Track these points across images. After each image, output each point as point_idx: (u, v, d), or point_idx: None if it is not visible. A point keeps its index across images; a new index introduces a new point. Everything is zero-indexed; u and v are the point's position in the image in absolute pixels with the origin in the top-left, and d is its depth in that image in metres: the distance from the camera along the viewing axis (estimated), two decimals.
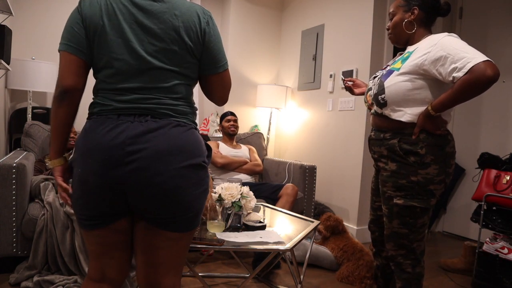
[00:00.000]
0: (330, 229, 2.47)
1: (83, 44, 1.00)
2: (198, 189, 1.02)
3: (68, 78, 1.00)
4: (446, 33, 1.34)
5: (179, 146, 0.98)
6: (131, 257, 1.13)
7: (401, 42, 1.52)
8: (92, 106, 1.04)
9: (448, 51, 1.26)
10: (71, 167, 1.07)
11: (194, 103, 1.12)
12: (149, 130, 0.96)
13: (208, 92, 1.19)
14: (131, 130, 0.95)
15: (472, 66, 1.19)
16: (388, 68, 1.48)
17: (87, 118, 1.04)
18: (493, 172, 2.31)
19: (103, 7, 0.99)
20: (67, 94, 1.00)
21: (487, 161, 2.37)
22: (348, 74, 3.10)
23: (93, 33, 0.99)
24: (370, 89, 1.53)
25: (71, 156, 1.10)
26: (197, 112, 1.17)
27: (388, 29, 1.54)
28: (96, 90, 1.05)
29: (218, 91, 1.17)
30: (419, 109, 1.36)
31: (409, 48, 1.47)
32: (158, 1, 1.02)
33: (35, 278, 1.83)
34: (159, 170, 0.95)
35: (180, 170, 0.97)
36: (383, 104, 1.43)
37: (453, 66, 1.24)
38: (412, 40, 1.47)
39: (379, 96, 1.43)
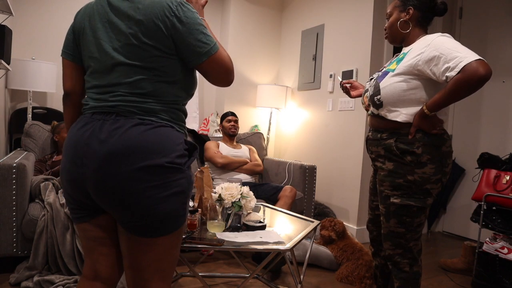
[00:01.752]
0: (340, 234, 2.49)
1: (72, 48, 1.10)
2: (163, 192, 0.95)
3: (66, 82, 1.12)
4: (439, 33, 1.36)
5: (133, 147, 0.93)
6: (121, 255, 1.12)
7: (397, 42, 1.54)
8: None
9: (441, 51, 1.28)
10: None
11: (171, 99, 1.03)
12: (108, 130, 0.95)
13: (207, 79, 1.11)
14: (93, 130, 0.96)
15: (464, 65, 1.21)
16: (384, 69, 1.50)
17: None
18: (493, 172, 2.31)
19: (87, 12, 1.06)
20: (68, 97, 1.14)
21: (487, 161, 2.37)
22: (348, 74, 3.11)
23: (78, 37, 1.08)
24: (366, 90, 1.55)
25: None
26: (179, 110, 1.08)
27: (385, 30, 1.56)
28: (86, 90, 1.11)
29: (213, 77, 1.08)
30: (415, 109, 1.38)
31: (404, 49, 1.49)
32: None
33: (35, 278, 1.83)
34: (110, 172, 0.92)
35: (133, 173, 0.92)
36: (379, 105, 1.44)
37: (446, 65, 1.26)
38: (407, 39, 1.49)
39: (375, 97, 1.45)
